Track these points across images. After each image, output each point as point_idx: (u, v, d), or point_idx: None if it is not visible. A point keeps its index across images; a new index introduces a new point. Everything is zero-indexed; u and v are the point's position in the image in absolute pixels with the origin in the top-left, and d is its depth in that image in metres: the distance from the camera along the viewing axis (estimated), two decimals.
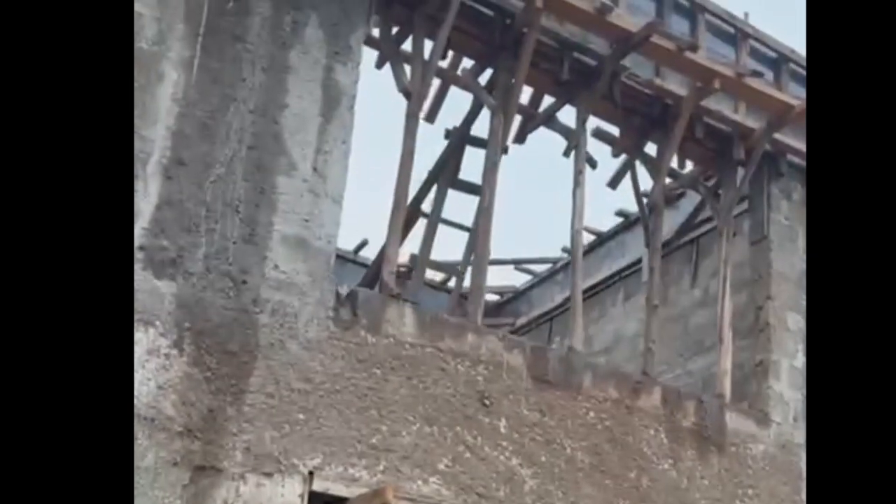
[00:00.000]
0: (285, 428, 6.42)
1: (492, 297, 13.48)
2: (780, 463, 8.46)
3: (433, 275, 12.27)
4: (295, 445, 6.42)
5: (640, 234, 11.01)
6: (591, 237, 12.36)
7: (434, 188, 9.05)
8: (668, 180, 9.75)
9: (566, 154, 8.52)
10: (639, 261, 11.17)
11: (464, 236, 9.37)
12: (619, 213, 11.77)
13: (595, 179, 11.86)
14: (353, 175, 7.38)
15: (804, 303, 8.96)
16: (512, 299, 13.49)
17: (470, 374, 7.23)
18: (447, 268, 9.48)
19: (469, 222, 9.33)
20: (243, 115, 6.84)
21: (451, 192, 9.20)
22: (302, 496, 6.36)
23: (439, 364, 7.13)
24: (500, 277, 13.78)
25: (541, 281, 13.12)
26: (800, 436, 8.62)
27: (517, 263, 13.14)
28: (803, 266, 9.07)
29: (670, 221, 11.25)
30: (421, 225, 9.10)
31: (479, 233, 7.79)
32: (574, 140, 8.41)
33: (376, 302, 7.06)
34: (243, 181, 6.72)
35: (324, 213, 6.98)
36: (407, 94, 7.72)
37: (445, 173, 9.02)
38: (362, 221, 9.82)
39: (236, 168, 6.73)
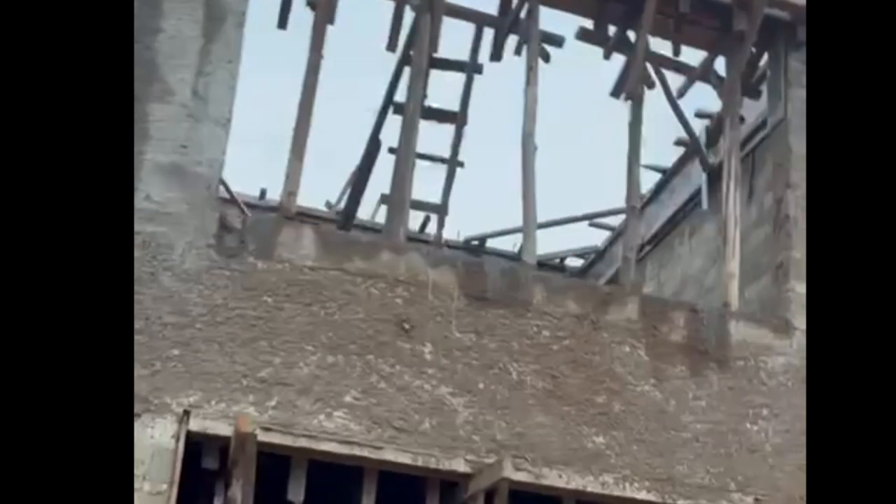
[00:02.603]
0: (155, 365, 6.27)
1: (576, 262, 12.86)
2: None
3: None
4: (167, 383, 6.25)
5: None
6: (658, 176, 11.58)
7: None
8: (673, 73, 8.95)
9: (517, 52, 7.97)
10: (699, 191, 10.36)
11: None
12: (679, 143, 10.89)
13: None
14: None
15: None
16: (595, 261, 12.80)
17: (386, 296, 6.83)
18: (427, 206, 9.07)
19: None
20: None
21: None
22: (176, 437, 6.18)
23: (346, 287, 6.78)
24: (579, 238, 13.00)
25: (618, 235, 12.39)
26: None
27: (590, 219, 12.43)
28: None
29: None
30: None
31: (400, 148, 7.35)
32: (524, 35, 7.86)
33: (267, 226, 6.82)
34: None
35: (204, 138, 6.80)
36: (312, 6, 7.46)
37: (411, 102, 8.65)
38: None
39: None
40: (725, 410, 7.27)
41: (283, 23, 8.22)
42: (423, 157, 8.93)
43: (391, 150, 8.80)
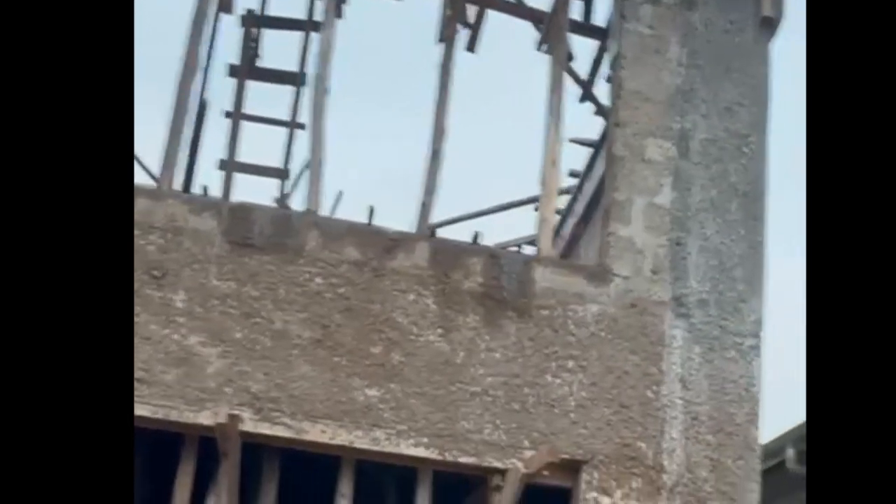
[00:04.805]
0: None
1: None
2: (625, 326, 7.10)
3: None
4: None
5: None
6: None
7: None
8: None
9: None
10: None
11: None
12: (599, 113, 10.50)
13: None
14: None
15: (676, 125, 7.61)
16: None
17: (137, 244, 6.73)
18: (268, 171, 8.96)
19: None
20: None
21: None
22: None
23: None
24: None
25: (566, 215, 12.03)
26: (661, 291, 7.22)
27: (534, 202, 12.03)
28: (675, 82, 7.70)
29: None
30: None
31: (176, 99, 7.26)
32: None
33: None
34: None
35: None
36: None
37: (242, 62, 8.66)
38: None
39: None
40: (523, 363, 6.94)
41: None
42: (256, 119, 8.88)
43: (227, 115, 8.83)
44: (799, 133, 6.33)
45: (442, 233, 12.18)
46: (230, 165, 8.61)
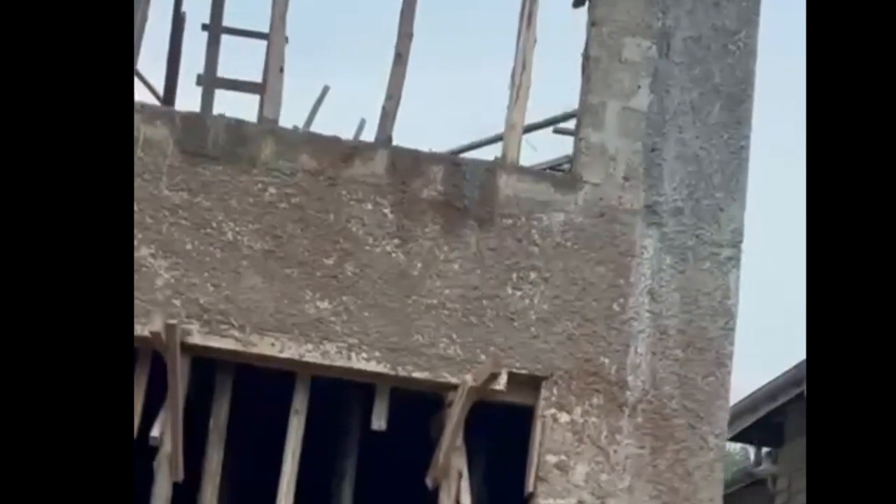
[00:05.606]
0: None
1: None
2: (593, 236, 6.88)
3: None
4: None
5: None
6: None
7: None
8: None
9: None
10: None
11: None
12: None
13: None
14: None
15: (657, 23, 7.25)
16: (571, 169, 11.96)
17: None
18: (246, 86, 8.76)
19: None
20: None
21: None
22: None
23: None
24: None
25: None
26: (633, 199, 6.96)
27: (553, 125, 11.53)
28: None
29: None
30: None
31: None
32: None
33: None
34: None
35: None
36: None
37: None
38: None
39: None
40: (483, 274, 6.78)
41: None
42: (234, 31, 8.69)
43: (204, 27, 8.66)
44: (790, 26, 5.99)
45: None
46: (208, 80, 8.43)
